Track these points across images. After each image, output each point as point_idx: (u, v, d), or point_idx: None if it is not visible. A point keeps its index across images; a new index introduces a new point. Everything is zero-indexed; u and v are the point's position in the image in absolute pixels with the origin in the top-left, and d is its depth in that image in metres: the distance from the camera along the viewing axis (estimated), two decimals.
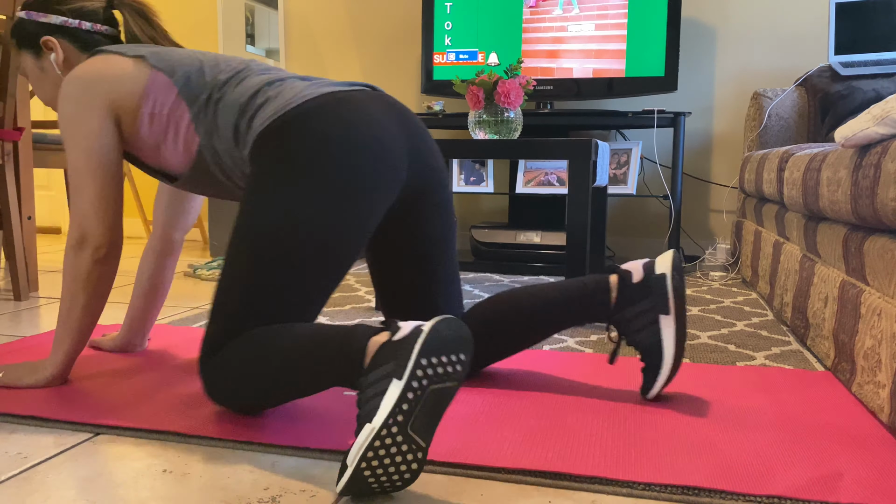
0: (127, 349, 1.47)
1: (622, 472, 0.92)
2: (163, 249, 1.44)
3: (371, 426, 0.81)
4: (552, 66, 2.94)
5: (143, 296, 1.45)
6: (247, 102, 1.14)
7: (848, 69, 2.45)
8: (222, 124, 1.15)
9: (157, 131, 1.19)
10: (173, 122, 1.18)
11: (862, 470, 0.93)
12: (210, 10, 3.67)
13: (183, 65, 1.19)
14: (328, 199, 1.05)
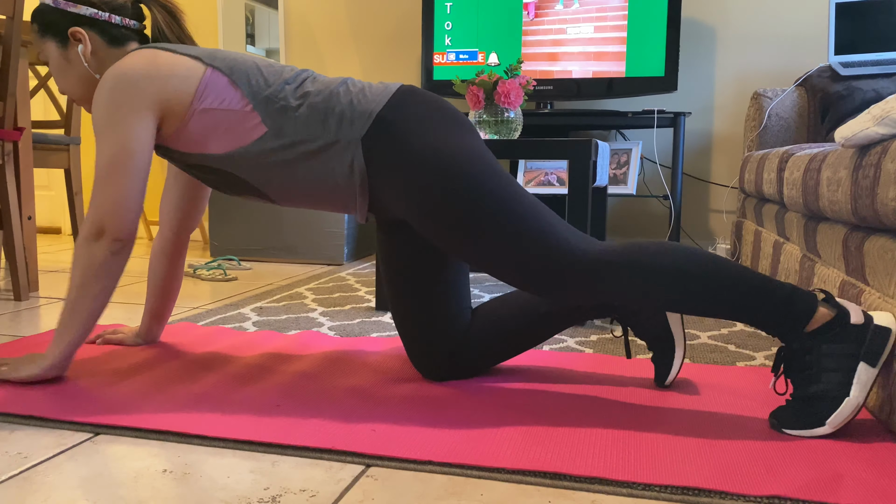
0: (148, 340, 1.54)
1: (622, 472, 0.92)
2: (172, 251, 1.49)
3: (856, 400, 1.02)
4: (552, 66, 2.94)
5: (158, 296, 1.51)
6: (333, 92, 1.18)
7: (848, 69, 2.45)
8: (304, 114, 1.17)
9: (208, 124, 1.19)
10: (231, 115, 1.18)
11: (861, 471, 0.93)
12: (210, 10, 3.67)
13: (238, 63, 1.21)
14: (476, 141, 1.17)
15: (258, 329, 1.72)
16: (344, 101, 1.17)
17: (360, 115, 1.15)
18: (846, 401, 1.03)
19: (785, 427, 1.07)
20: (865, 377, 1.03)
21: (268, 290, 2.26)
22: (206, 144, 1.20)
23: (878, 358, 1.04)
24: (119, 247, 1.21)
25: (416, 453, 0.97)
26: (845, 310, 1.07)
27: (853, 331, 1.05)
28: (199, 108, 1.18)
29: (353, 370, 1.36)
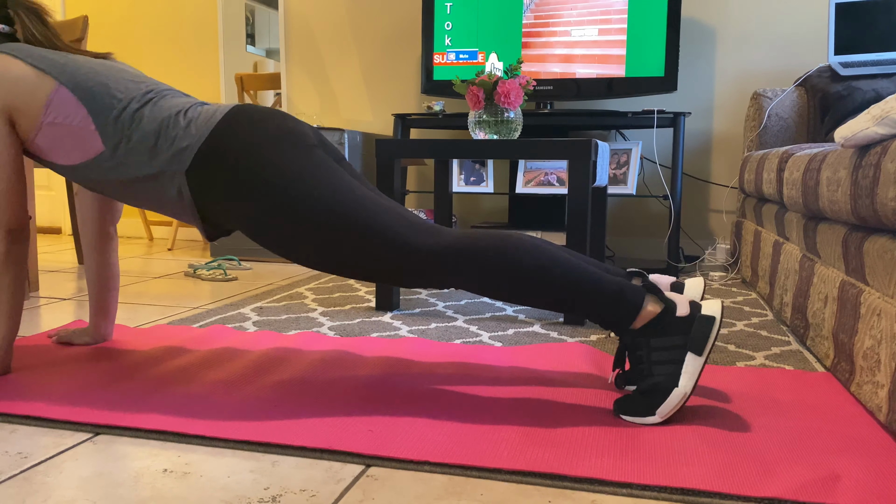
0: (97, 339, 1.55)
1: (621, 473, 0.92)
2: (100, 243, 1.52)
3: (682, 390, 1.07)
4: (552, 66, 2.94)
5: (97, 290, 1.53)
6: (166, 119, 1.21)
7: (848, 69, 2.45)
8: (136, 137, 1.20)
9: (55, 135, 1.23)
10: (75, 131, 1.22)
11: (860, 472, 0.93)
12: (210, 10, 3.67)
13: (88, 80, 1.24)
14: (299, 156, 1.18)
15: (258, 329, 1.72)
16: (172, 134, 1.20)
17: (184, 150, 1.18)
18: (674, 391, 1.08)
19: (621, 413, 1.13)
20: (692, 367, 1.08)
21: (268, 290, 2.26)
22: (54, 155, 1.25)
23: (703, 347, 1.08)
24: (17, 235, 1.27)
25: (415, 453, 0.97)
26: (672, 303, 1.13)
27: (679, 323, 1.11)
28: (46, 121, 1.22)
29: (353, 370, 1.36)
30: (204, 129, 1.19)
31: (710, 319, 1.09)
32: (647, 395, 1.10)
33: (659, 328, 1.11)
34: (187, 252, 3.29)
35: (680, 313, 1.11)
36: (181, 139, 1.18)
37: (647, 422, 1.09)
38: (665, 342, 1.11)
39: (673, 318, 1.11)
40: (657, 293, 1.14)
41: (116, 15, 3.81)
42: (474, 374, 1.35)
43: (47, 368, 1.34)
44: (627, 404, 1.12)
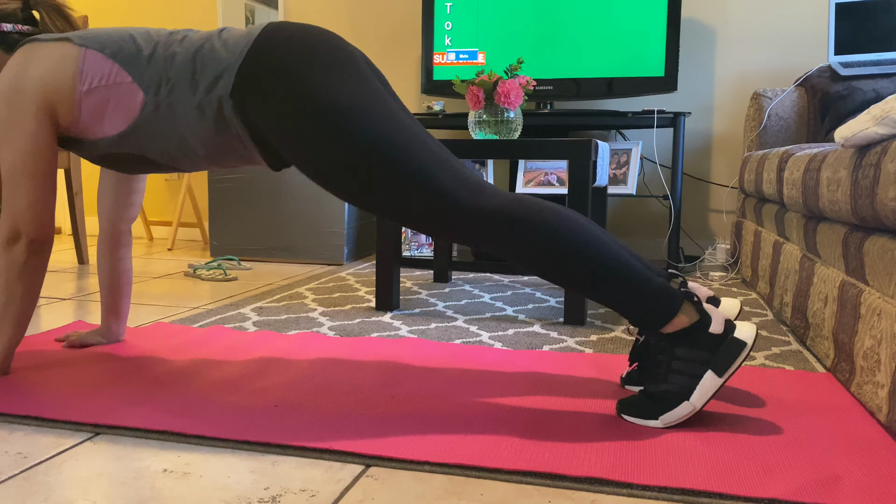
0: (109, 339, 1.54)
1: (621, 473, 0.92)
2: (114, 244, 1.51)
3: (692, 405, 1.06)
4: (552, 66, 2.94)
5: (109, 291, 1.52)
6: (198, 49, 1.16)
7: (848, 69, 2.45)
8: (175, 76, 1.16)
9: (97, 104, 1.20)
10: (113, 89, 1.19)
11: (860, 473, 0.93)
12: (210, 10, 3.67)
13: (111, 37, 1.21)
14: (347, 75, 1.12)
15: (258, 329, 1.72)
16: (209, 59, 1.15)
17: (224, 71, 1.14)
18: (683, 403, 1.06)
19: (624, 413, 1.11)
20: (709, 385, 1.06)
21: (268, 290, 2.26)
22: (102, 127, 1.21)
23: (726, 369, 1.06)
24: (37, 247, 1.24)
25: (415, 453, 0.97)
26: (708, 317, 1.09)
27: (709, 339, 1.08)
28: (83, 90, 1.19)
29: (352, 370, 1.36)
30: (243, 45, 1.14)
31: (742, 344, 1.06)
32: (655, 400, 1.09)
33: (688, 338, 1.08)
34: (187, 252, 3.29)
35: (713, 330, 1.08)
36: (219, 62, 1.14)
37: (649, 425, 1.09)
38: (689, 353, 1.08)
39: (705, 332, 1.08)
40: (696, 303, 1.10)
41: (116, 15, 3.81)
42: (474, 374, 1.35)
43: (47, 368, 1.34)
44: (632, 405, 1.11)
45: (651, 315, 1.09)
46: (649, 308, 1.09)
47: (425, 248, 3.07)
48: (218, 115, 1.15)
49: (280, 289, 2.28)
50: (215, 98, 1.14)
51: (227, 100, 1.14)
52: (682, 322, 1.09)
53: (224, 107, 1.14)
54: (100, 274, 1.52)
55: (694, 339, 1.08)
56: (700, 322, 1.09)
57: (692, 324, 1.09)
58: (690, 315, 1.09)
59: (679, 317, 1.09)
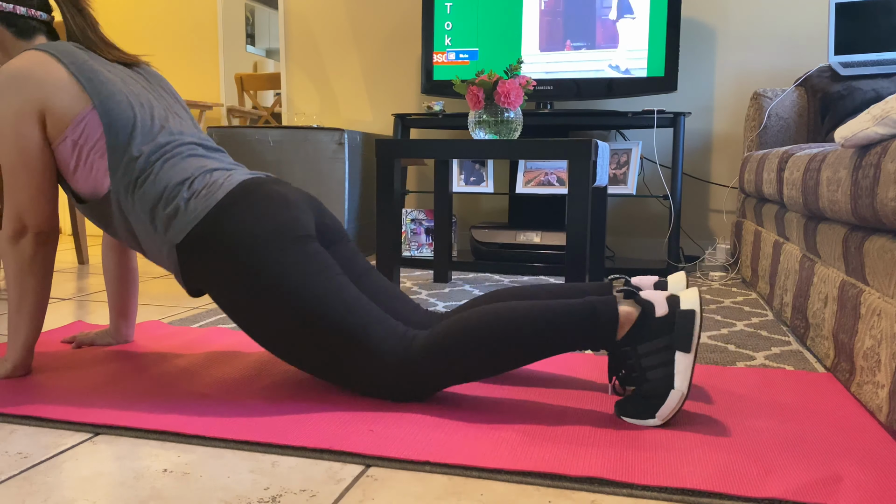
0: (119, 340, 1.54)
1: (621, 473, 0.92)
2: (118, 243, 1.51)
3: (679, 391, 1.06)
4: (552, 66, 2.94)
5: (116, 291, 1.52)
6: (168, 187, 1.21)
7: (848, 69, 2.45)
8: (139, 196, 1.21)
9: (75, 156, 1.23)
10: (91, 160, 1.22)
11: (861, 473, 0.93)
12: (210, 10, 3.67)
13: (120, 109, 1.23)
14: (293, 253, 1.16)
15: None
16: (172, 203, 1.19)
17: (179, 224, 1.18)
18: (671, 393, 1.07)
19: (622, 414, 1.11)
20: (684, 365, 1.06)
21: None
22: (71, 176, 1.25)
23: (689, 343, 1.06)
24: (44, 238, 1.26)
25: (415, 453, 0.97)
26: (650, 304, 1.10)
27: (660, 323, 1.08)
28: (71, 137, 1.22)
29: None
30: (202, 208, 1.18)
31: (691, 313, 1.07)
32: (647, 399, 1.09)
33: (642, 333, 1.09)
34: None
35: (659, 313, 1.09)
36: (179, 212, 1.18)
37: (648, 424, 1.09)
38: (651, 346, 1.08)
39: (653, 319, 1.09)
40: (633, 296, 1.11)
41: (116, 15, 3.81)
42: None
43: (47, 369, 1.34)
44: (628, 406, 1.11)
45: (599, 332, 1.10)
46: (593, 328, 1.10)
47: (425, 248, 3.07)
48: (161, 244, 1.21)
49: None
50: (166, 240, 1.20)
51: (172, 247, 1.20)
52: (627, 321, 1.09)
53: (167, 245, 1.20)
54: (105, 275, 1.52)
55: (647, 330, 1.09)
56: (644, 313, 1.09)
57: (637, 318, 1.09)
58: (631, 311, 1.10)
59: (622, 318, 1.09)
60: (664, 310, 1.09)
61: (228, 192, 1.20)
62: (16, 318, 1.26)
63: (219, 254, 1.16)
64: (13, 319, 1.26)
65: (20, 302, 1.26)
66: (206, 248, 1.17)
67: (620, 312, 1.09)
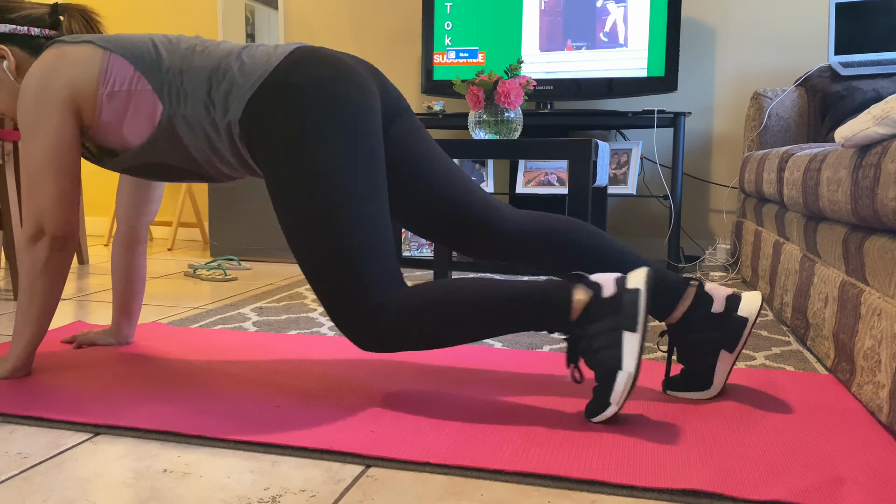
0: (119, 340, 1.53)
1: (622, 475, 0.92)
2: (130, 243, 1.51)
3: (626, 372, 1.04)
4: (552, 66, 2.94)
5: (122, 291, 1.52)
6: (216, 68, 1.18)
7: (848, 69, 2.45)
8: (191, 90, 1.18)
9: (117, 108, 1.21)
10: (134, 96, 1.20)
11: (863, 475, 0.93)
12: (210, 10, 3.67)
13: (134, 43, 1.22)
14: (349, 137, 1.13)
15: (258, 329, 1.72)
16: (224, 80, 1.17)
17: (237, 98, 1.15)
18: (619, 375, 1.05)
19: (588, 416, 1.11)
20: (631, 345, 1.05)
21: (268, 290, 2.26)
22: (122, 133, 1.23)
23: (635, 322, 1.05)
24: (60, 244, 1.24)
25: (416, 454, 0.97)
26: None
27: (608, 304, 1.07)
28: (105, 92, 1.20)
29: (352, 370, 1.36)
30: (259, 72, 1.16)
31: (635, 292, 1.06)
32: (601, 387, 1.08)
33: (591, 314, 1.08)
34: (187, 252, 3.29)
35: (606, 294, 1.08)
36: (233, 86, 1.16)
37: (608, 414, 1.07)
38: (599, 327, 1.07)
39: (600, 300, 1.08)
40: (584, 281, 1.11)
41: (116, 15, 3.81)
42: (475, 374, 1.35)
43: (47, 369, 1.34)
44: (589, 405, 1.11)
45: (553, 314, 1.09)
46: (548, 306, 1.09)
47: (425, 247, 3.07)
48: (228, 136, 1.18)
49: (280, 289, 2.28)
50: (226, 121, 1.17)
51: (235, 124, 1.16)
52: (581, 304, 1.08)
53: (233, 130, 1.17)
54: (113, 274, 1.52)
55: (595, 311, 1.07)
56: (595, 293, 1.09)
57: (590, 298, 1.08)
58: (585, 294, 1.09)
59: (577, 298, 1.08)
60: (611, 290, 1.08)
61: (285, 55, 1.17)
62: (21, 320, 1.26)
63: (276, 123, 1.13)
64: (19, 321, 1.26)
65: (28, 304, 1.25)
66: (266, 115, 1.13)
67: (574, 294, 1.09)
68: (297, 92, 1.14)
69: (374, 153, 1.16)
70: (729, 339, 1.17)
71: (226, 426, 1.06)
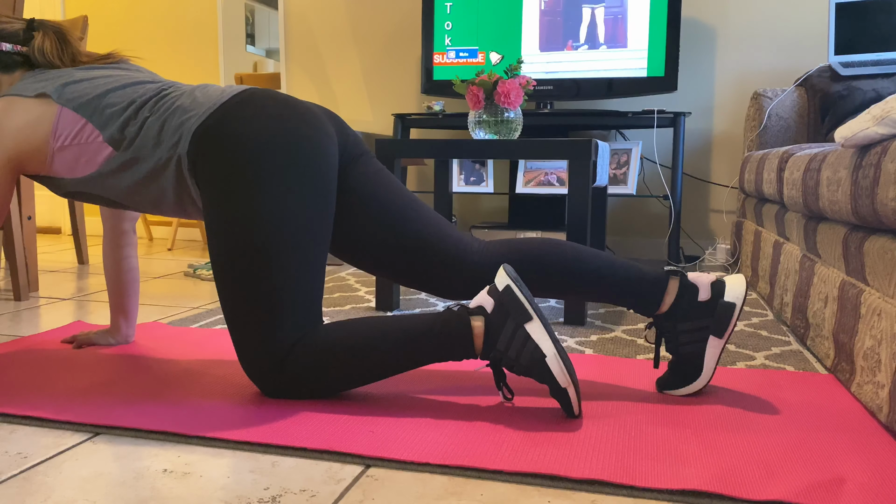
0: (119, 340, 1.54)
1: (622, 475, 0.92)
2: (117, 243, 1.51)
3: (551, 354, 1.07)
4: (552, 66, 2.94)
5: (116, 290, 1.52)
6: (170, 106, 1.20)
7: (848, 69, 2.45)
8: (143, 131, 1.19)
9: (67, 157, 1.23)
10: (84, 147, 1.22)
11: (863, 474, 0.93)
12: (210, 10, 3.67)
13: (88, 96, 1.23)
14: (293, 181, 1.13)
15: None
16: (176, 118, 1.18)
17: (187, 130, 1.17)
18: (547, 362, 1.08)
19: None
20: (536, 332, 1.09)
21: None
22: (72, 172, 1.25)
23: (525, 311, 1.09)
24: None
25: (416, 455, 0.97)
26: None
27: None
28: (56, 146, 1.22)
29: None
30: (207, 106, 1.17)
31: (508, 288, 1.10)
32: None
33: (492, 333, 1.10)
34: (187, 252, 3.28)
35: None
36: (185, 119, 1.17)
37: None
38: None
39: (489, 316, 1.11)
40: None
41: (116, 15, 3.81)
42: (475, 375, 1.34)
43: (48, 369, 1.34)
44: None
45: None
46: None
47: None
48: (176, 172, 1.19)
49: None
50: (176, 154, 1.18)
51: (184, 159, 1.17)
52: (479, 329, 1.11)
53: (182, 164, 1.18)
54: (106, 275, 1.52)
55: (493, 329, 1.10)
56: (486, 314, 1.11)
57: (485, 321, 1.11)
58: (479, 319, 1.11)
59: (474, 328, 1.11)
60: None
61: (238, 92, 1.19)
62: None
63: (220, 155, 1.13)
64: None
65: None
66: (211, 148, 1.14)
67: (472, 323, 1.11)
68: (244, 126, 1.14)
69: (319, 197, 1.16)
70: (717, 325, 1.20)
71: (226, 426, 1.06)
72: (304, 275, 1.14)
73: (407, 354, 1.13)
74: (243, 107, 1.16)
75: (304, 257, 1.14)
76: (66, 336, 1.57)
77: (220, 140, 1.14)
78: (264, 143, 1.13)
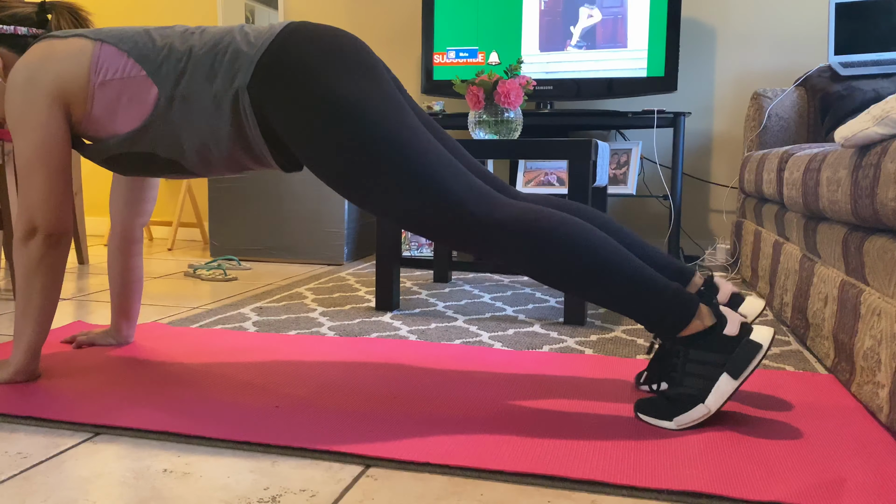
0: (119, 340, 1.53)
1: (622, 475, 0.92)
2: (125, 245, 1.50)
3: (707, 408, 1.06)
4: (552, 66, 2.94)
5: (120, 292, 1.51)
6: (218, 42, 1.16)
7: (848, 69, 2.45)
8: (191, 68, 1.16)
9: (110, 98, 1.19)
10: (127, 83, 1.18)
11: (864, 475, 0.93)
12: (210, 10, 3.67)
13: (126, 33, 1.21)
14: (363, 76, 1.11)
15: (258, 329, 1.72)
16: (227, 51, 1.15)
17: (244, 63, 1.13)
18: (698, 406, 1.06)
19: (640, 412, 1.11)
20: (724, 388, 1.06)
21: (268, 290, 2.26)
22: (114, 123, 1.20)
23: (741, 371, 1.05)
24: (54, 241, 1.22)
25: (416, 455, 0.97)
26: (724, 319, 1.10)
27: (724, 341, 1.08)
28: (97, 82, 1.18)
29: (352, 370, 1.36)
30: (265, 38, 1.14)
31: (757, 346, 1.05)
32: (672, 402, 1.09)
33: (703, 341, 1.08)
34: (187, 252, 3.28)
35: (728, 332, 1.08)
36: (239, 54, 1.14)
37: (662, 425, 1.08)
38: (704, 356, 1.08)
39: (720, 335, 1.08)
40: (712, 307, 1.11)
41: (116, 15, 3.81)
42: (474, 375, 1.35)
43: (48, 369, 1.34)
44: (648, 405, 1.11)
45: (667, 321, 1.09)
46: (664, 315, 1.08)
47: (425, 248, 3.07)
48: (234, 108, 1.14)
49: (280, 289, 2.28)
50: (232, 90, 1.13)
51: (243, 92, 1.13)
52: (697, 326, 1.09)
53: (241, 99, 1.13)
54: (110, 275, 1.51)
55: (708, 341, 1.08)
56: (716, 325, 1.08)
57: (709, 327, 1.08)
58: (706, 319, 1.09)
59: (694, 321, 1.08)
60: (734, 331, 1.08)
61: (288, 23, 1.15)
62: (21, 321, 1.24)
63: (293, 79, 1.10)
64: (18, 322, 1.24)
65: (27, 304, 1.23)
66: (279, 77, 1.10)
67: (697, 315, 1.08)
68: (308, 43, 1.11)
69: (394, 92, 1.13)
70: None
71: (226, 426, 1.06)
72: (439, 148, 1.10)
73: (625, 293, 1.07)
74: (298, 32, 1.13)
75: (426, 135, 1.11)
76: (66, 336, 1.57)
77: (284, 65, 1.10)
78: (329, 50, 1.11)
